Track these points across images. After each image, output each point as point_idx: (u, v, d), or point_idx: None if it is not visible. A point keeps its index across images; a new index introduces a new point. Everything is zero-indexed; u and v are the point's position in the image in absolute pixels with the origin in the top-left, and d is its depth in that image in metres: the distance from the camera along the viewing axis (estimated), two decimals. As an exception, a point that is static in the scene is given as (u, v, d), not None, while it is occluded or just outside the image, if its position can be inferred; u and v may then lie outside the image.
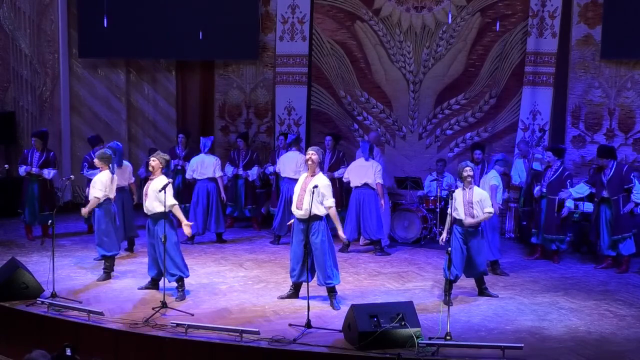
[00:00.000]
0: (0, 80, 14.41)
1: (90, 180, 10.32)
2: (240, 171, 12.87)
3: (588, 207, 11.45)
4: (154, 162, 8.98)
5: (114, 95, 14.71)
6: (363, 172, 11.31)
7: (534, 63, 12.76)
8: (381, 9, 13.66)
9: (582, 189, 10.77)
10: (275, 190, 12.77)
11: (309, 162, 8.71)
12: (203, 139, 12.17)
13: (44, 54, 14.33)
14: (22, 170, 11.88)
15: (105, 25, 11.41)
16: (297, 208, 8.65)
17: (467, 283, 9.68)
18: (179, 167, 12.91)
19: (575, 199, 11.05)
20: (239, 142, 13.14)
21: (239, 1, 14.02)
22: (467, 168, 9.00)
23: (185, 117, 14.94)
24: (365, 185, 11.28)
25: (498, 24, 12.64)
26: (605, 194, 10.49)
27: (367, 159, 11.33)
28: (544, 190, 10.87)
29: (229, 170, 12.86)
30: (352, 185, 11.46)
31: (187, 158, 12.84)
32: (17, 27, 14.26)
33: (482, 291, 9.21)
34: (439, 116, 13.59)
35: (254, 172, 12.81)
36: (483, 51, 13.27)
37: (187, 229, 9.03)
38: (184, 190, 12.93)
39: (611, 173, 10.48)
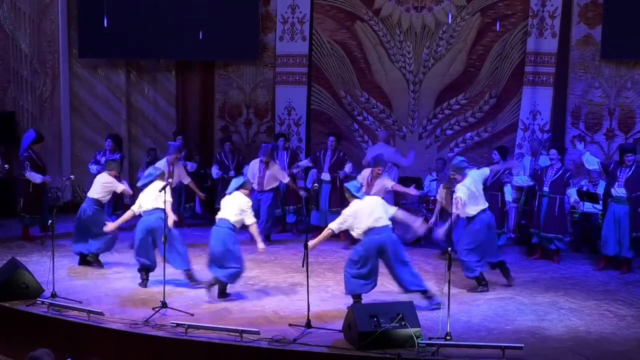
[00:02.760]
0: (0, 80, 14.40)
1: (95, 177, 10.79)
2: (232, 174, 12.83)
3: (588, 207, 11.46)
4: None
5: (114, 95, 14.70)
6: None
7: (534, 63, 12.76)
8: (381, 9, 13.66)
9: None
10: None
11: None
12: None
13: (44, 54, 14.32)
14: (41, 178, 11.99)
15: (105, 25, 11.42)
16: None
17: (467, 283, 9.68)
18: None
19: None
20: (226, 145, 13.07)
21: (239, 1, 14.02)
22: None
23: (185, 117, 14.94)
24: None
25: (498, 24, 12.65)
26: (616, 192, 10.43)
27: None
28: (547, 189, 10.88)
29: (214, 172, 12.87)
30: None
31: (187, 158, 12.82)
32: (17, 27, 14.25)
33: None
34: (439, 116, 13.59)
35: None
36: (483, 51, 13.27)
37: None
38: (187, 190, 12.93)
39: (630, 172, 10.39)
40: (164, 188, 9.00)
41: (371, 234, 8.41)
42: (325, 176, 12.42)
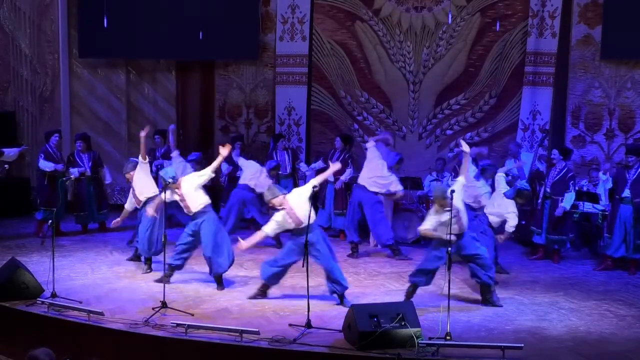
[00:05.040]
0: (0, 80, 14.42)
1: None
2: (240, 173, 12.84)
3: (588, 207, 11.45)
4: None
5: (114, 95, 14.71)
6: None
7: (534, 63, 12.77)
8: (381, 9, 13.66)
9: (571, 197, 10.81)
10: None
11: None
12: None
13: (44, 54, 14.33)
14: (52, 166, 12.06)
15: (105, 25, 11.42)
16: None
17: (470, 283, 9.67)
18: (157, 166, 12.87)
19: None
20: (237, 144, 13.04)
21: (239, 1, 14.02)
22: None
23: (185, 117, 14.93)
24: None
25: (498, 24, 12.66)
26: (624, 193, 10.39)
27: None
28: (548, 190, 10.86)
29: (224, 168, 12.85)
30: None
31: (165, 156, 12.81)
32: (17, 27, 14.27)
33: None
34: (439, 116, 13.59)
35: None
36: (483, 51, 13.27)
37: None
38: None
39: (635, 174, 10.38)
40: (163, 189, 9.03)
41: None
42: (330, 177, 12.39)
